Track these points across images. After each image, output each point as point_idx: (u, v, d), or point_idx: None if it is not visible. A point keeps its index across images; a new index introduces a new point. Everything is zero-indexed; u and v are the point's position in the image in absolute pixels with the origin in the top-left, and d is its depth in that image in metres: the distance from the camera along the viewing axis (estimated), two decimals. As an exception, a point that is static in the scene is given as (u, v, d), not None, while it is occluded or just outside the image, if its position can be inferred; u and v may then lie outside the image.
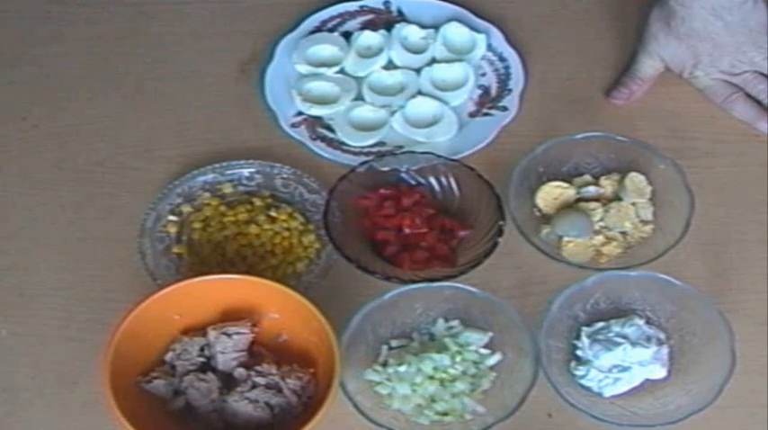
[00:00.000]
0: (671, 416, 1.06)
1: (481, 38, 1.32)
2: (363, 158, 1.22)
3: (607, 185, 1.20)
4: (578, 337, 1.11)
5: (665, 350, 1.10)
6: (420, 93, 1.29)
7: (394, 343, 1.11)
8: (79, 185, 1.24)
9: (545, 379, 1.07)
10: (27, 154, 1.26)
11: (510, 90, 1.29)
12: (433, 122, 1.27)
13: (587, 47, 1.35)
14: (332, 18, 1.36)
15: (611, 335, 1.10)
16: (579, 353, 1.11)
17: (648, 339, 1.10)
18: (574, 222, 1.17)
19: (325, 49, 1.32)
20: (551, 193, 1.19)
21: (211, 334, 1.09)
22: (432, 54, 1.32)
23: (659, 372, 1.09)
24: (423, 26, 1.33)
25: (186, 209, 1.20)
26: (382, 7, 1.37)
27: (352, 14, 1.36)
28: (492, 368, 1.10)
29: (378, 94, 1.29)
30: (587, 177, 1.22)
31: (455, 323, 1.12)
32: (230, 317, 1.11)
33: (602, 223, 1.18)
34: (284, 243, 1.18)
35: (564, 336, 1.11)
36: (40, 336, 1.14)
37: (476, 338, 1.11)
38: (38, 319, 1.15)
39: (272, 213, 1.19)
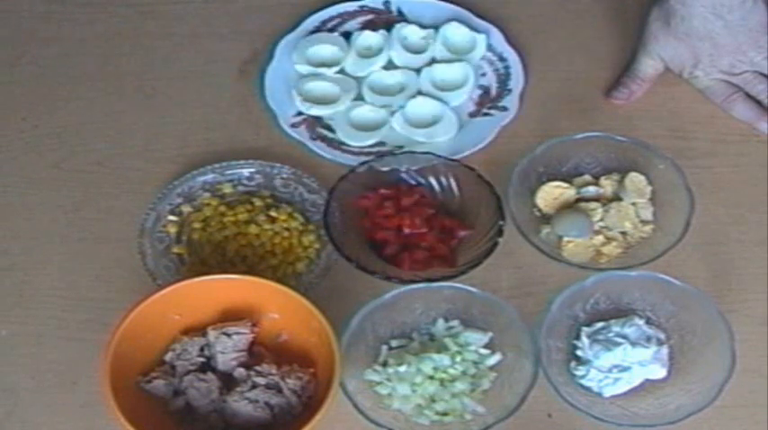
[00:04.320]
0: (671, 416, 1.06)
1: (481, 38, 1.32)
2: (363, 158, 1.22)
3: (607, 185, 1.20)
4: (578, 337, 1.11)
5: (664, 350, 1.10)
6: (420, 93, 1.29)
7: (394, 343, 1.11)
8: (79, 185, 1.24)
9: (545, 379, 1.07)
10: (27, 154, 1.26)
11: (510, 90, 1.29)
12: (433, 122, 1.27)
13: (587, 47, 1.35)
14: (332, 18, 1.36)
15: (611, 335, 1.10)
16: (579, 353, 1.11)
17: (648, 339, 1.10)
18: (574, 222, 1.17)
19: (325, 49, 1.32)
20: (551, 193, 1.19)
21: (211, 334, 1.09)
22: (432, 54, 1.32)
23: (659, 372, 1.09)
24: (423, 26, 1.33)
25: (186, 209, 1.20)
26: (382, 7, 1.37)
27: (352, 14, 1.36)
28: (492, 368, 1.10)
29: (378, 94, 1.29)
30: (587, 177, 1.22)
31: (455, 323, 1.12)
32: (230, 317, 1.11)
33: (602, 223, 1.18)
34: (284, 243, 1.18)
35: (564, 336, 1.11)
36: (40, 336, 1.14)
37: (476, 338, 1.11)
38: (38, 319, 1.15)
39: (272, 213, 1.19)
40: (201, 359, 1.09)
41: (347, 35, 1.34)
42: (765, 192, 1.22)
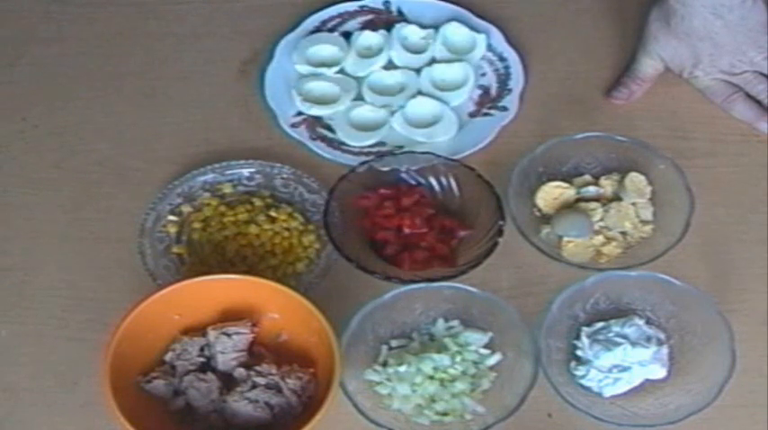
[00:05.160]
0: (671, 416, 1.06)
1: (481, 38, 1.32)
2: (363, 158, 1.22)
3: (607, 185, 1.20)
4: (578, 337, 1.11)
5: (665, 350, 1.10)
6: (420, 93, 1.29)
7: (394, 343, 1.11)
8: (79, 185, 1.24)
9: (545, 379, 1.07)
10: (27, 154, 1.26)
11: (510, 90, 1.29)
12: (433, 122, 1.27)
13: (587, 47, 1.35)
14: (332, 18, 1.36)
15: (611, 335, 1.10)
16: (579, 353, 1.11)
17: (648, 339, 1.10)
18: (574, 222, 1.17)
19: (325, 49, 1.32)
20: (551, 193, 1.19)
21: (211, 334, 1.09)
22: (432, 54, 1.32)
23: (659, 372, 1.09)
24: (423, 26, 1.33)
25: (186, 209, 1.20)
26: (382, 7, 1.37)
27: (352, 14, 1.36)
28: (492, 368, 1.10)
29: (378, 94, 1.29)
30: (587, 177, 1.22)
31: (455, 323, 1.12)
32: (230, 317, 1.11)
33: (602, 223, 1.18)
34: (284, 243, 1.18)
35: (564, 336, 1.11)
36: (40, 336, 1.14)
37: (476, 338, 1.11)
38: (38, 319, 1.15)
39: (272, 213, 1.19)
40: (201, 359, 1.09)
41: (347, 35, 1.34)
42: (765, 192, 1.22)
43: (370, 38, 1.33)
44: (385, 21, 1.36)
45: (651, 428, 1.06)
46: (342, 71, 1.31)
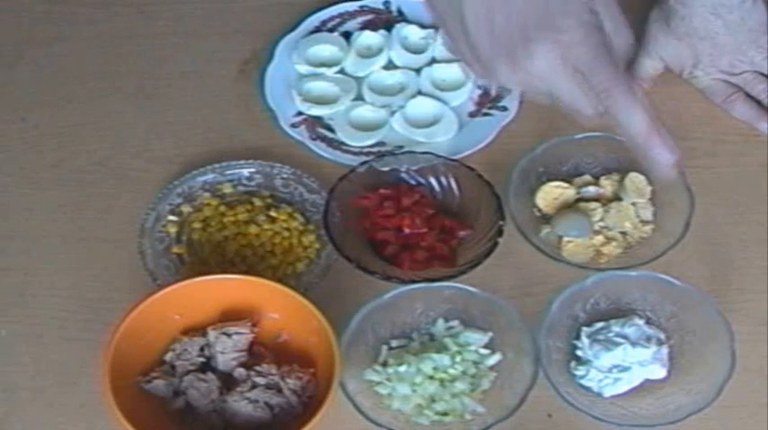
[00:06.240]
0: (671, 416, 1.06)
1: (481, 38, 1.32)
2: (363, 158, 1.22)
3: (607, 185, 1.20)
4: (578, 337, 1.11)
5: (665, 350, 1.10)
6: (420, 93, 1.29)
7: (394, 343, 1.11)
8: (79, 185, 1.24)
9: (545, 379, 1.07)
10: (27, 154, 1.26)
11: (510, 90, 1.29)
12: (433, 122, 1.27)
13: (587, 47, 1.34)
14: (332, 18, 1.36)
15: (611, 335, 1.10)
16: (579, 353, 1.11)
17: (648, 339, 1.10)
18: (574, 222, 1.17)
19: (325, 49, 1.32)
20: (551, 193, 1.19)
21: (211, 334, 1.09)
22: (432, 54, 1.32)
23: (659, 372, 1.09)
24: (423, 26, 1.33)
25: (186, 209, 1.20)
26: (382, 7, 1.37)
27: (352, 14, 1.36)
28: (492, 368, 1.10)
29: (378, 94, 1.29)
30: (587, 177, 1.22)
31: (455, 323, 1.12)
32: (230, 317, 1.11)
33: (602, 223, 1.18)
34: (284, 243, 1.18)
35: (564, 336, 1.11)
36: (40, 336, 1.14)
37: (476, 338, 1.11)
38: (38, 319, 1.15)
39: (272, 213, 1.19)
40: (201, 359, 1.09)
41: (347, 35, 1.34)
42: (765, 192, 1.22)
43: (370, 38, 1.33)
44: (385, 21, 1.36)
45: (651, 428, 1.06)
46: (342, 71, 1.31)
